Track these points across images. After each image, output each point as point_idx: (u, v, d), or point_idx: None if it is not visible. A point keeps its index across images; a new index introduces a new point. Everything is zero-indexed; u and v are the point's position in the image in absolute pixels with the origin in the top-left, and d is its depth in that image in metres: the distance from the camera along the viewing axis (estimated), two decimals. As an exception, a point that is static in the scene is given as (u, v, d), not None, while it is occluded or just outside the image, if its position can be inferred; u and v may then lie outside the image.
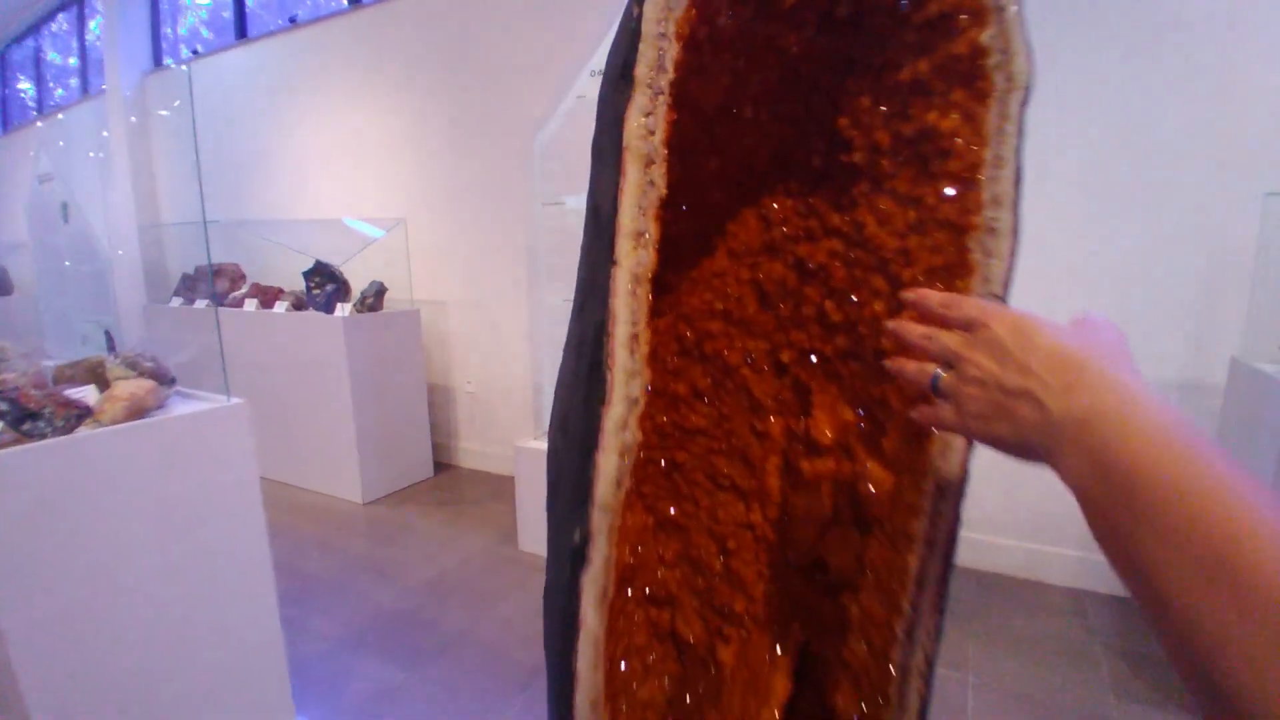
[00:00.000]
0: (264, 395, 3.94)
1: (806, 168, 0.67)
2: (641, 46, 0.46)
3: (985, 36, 0.51)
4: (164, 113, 5.36)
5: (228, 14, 5.22)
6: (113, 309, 4.44)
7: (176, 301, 4.48)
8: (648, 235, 0.48)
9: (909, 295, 0.49)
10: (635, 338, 0.49)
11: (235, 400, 1.62)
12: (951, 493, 0.58)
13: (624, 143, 0.47)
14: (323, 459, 3.77)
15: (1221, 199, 2.36)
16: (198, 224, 5.04)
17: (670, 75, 0.48)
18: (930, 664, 0.62)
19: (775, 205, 0.70)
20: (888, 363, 0.52)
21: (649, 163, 0.48)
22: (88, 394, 1.56)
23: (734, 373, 0.81)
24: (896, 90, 0.59)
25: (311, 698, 2.20)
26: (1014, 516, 2.82)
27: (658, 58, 0.47)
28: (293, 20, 4.71)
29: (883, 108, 0.61)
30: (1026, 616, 2.62)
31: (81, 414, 1.44)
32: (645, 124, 0.47)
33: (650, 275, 0.49)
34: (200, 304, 4.33)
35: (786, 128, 0.65)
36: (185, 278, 4.61)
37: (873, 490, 0.64)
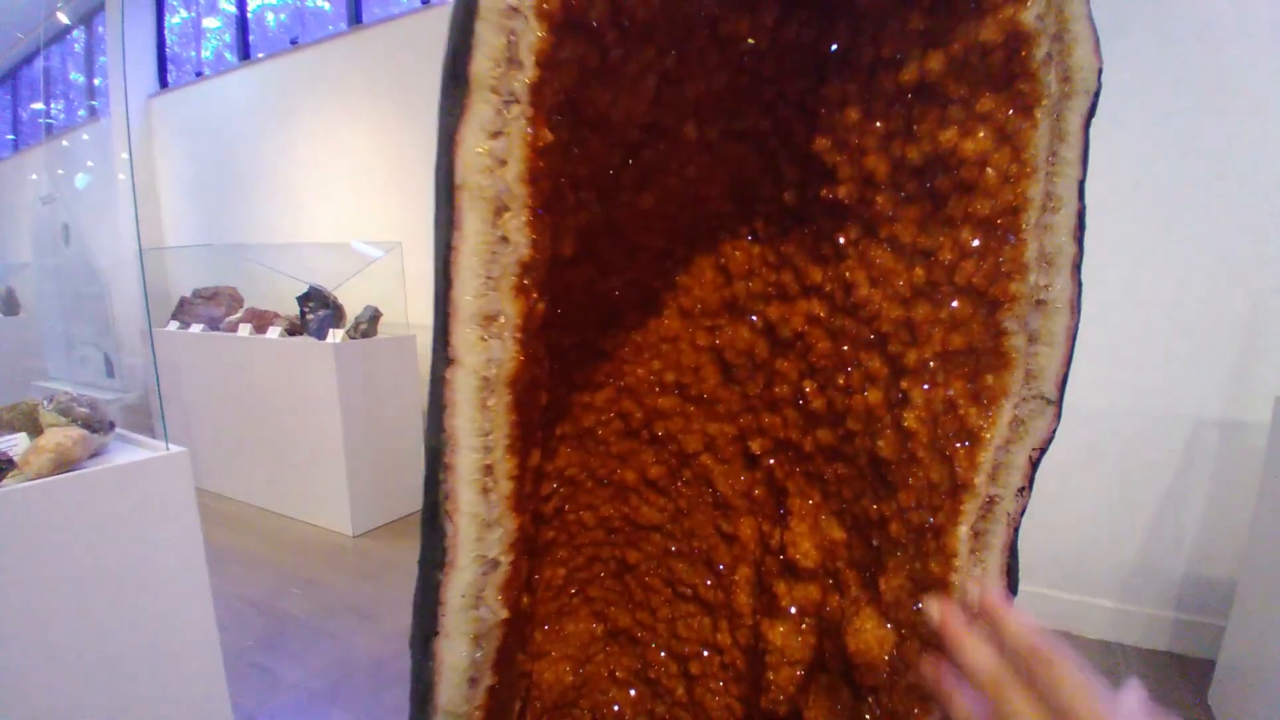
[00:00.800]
0: (255, 422, 3.82)
1: (775, 204, 0.50)
2: (478, 28, 0.30)
3: (1029, 16, 0.34)
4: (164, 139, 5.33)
5: (228, 37, 5.20)
6: (111, 332, 4.37)
7: (173, 325, 4.40)
8: (504, 318, 0.32)
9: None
10: (489, 469, 0.33)
11: (175, 449, 1.48)
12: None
13: (456, 180, 0.30)
14: (312, 489, 3.64)
15: (1264, 230, 2.16)
16: (198, 247, 4.98)
17: (530, 74, 0.31)
18: None
19: (737, 253, 0.53)
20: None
21: (499, 209, 0.31)
22: (18, 442, 1.42)
23: (693, 461, 0.64)
24: (896, 98, 0.42)
25: (273, 761, 2.03)
26: (1043, 561, 2.61)
27: (506, 47, 0.31)
28: (294, 42, 4.66)
29: (877, 124, 0.44)
30: (1057, 677, 2.39)
31: (2, 466, 1.29)
32: (490, 150, 0.31)
33: (514, 375, 0.32)
34: (196, 328, 4.24)
35: (746, 151, 0.49)
36: (183, 301, 4.53)
37: (867, 651, 0.46)
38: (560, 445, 0.65)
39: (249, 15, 5.12)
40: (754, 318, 0.55)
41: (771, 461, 0.59)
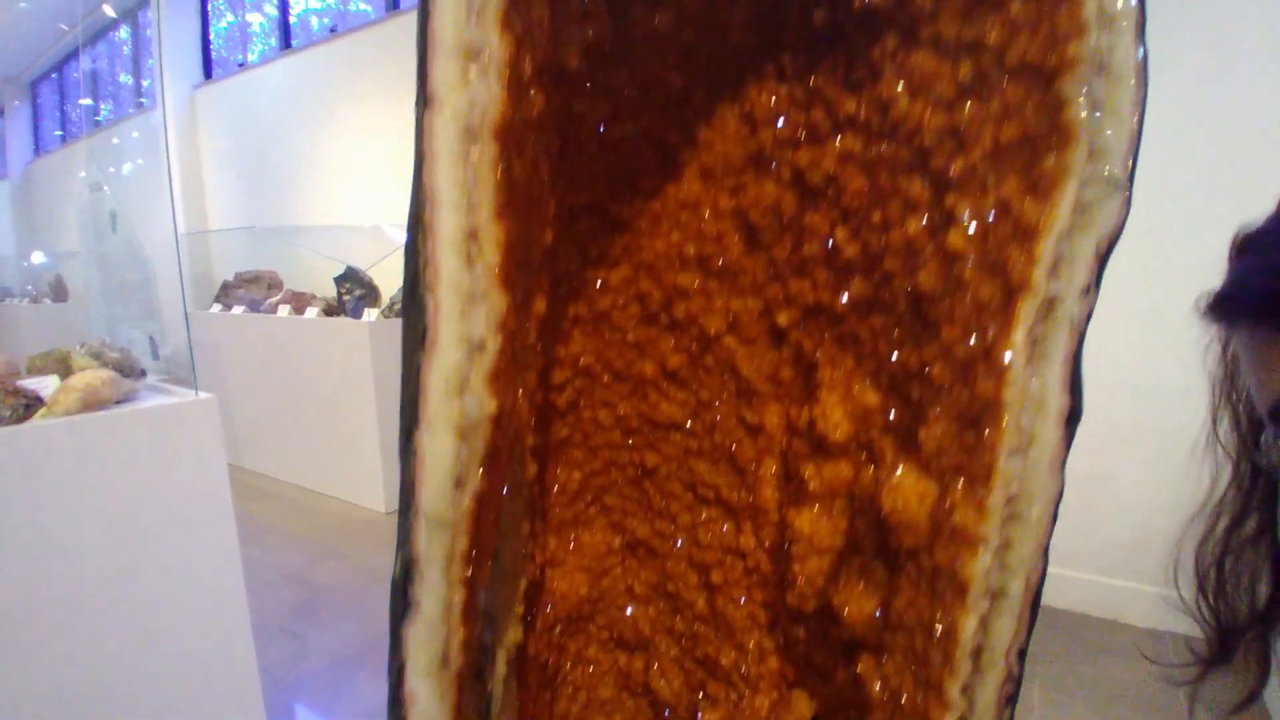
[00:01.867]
0: (293, 401, 3.89)
1: (803, 30, 0.46)
2: None
3: None
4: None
5: (274, 41, 5.30)
6: (157, 316, 4.50)
7: (216, 308, 4.51)
8: (489, 53, 0.28)
9: None
10: (473, 234, 0.29)
11: (204, 395, 1.49)
12: (1033, 514, 0.36)
13: None
14: (347, 466, 3.68)
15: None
16: (240, 230, 5.09)
17: None
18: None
19: (762, 95, 0.49)
20: None
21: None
22: (49, 384, 1.45)
23: (715, 345, 0.60)
24: None
25: (303, 716, 2.05)
26: (1087, 546, 2.50)
27: None
28: (333, 30, 4.74)
29: None
30: (1100, 661, 2.30)
31: (31, 403, 1.31)
32: None
33: (500, 123, 0.29)
34: (237, 310, 4.34)
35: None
36: (225, 285, 4.64)
37: (905, 508, 0.42)
38: (574, 329, 0.61)
39: (292, 20, 5.21)
40: (781, 169, 0.51)
41: (799, 334, 0.55)
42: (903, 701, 0.44)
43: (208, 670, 1.48)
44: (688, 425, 0.65)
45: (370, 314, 3.59)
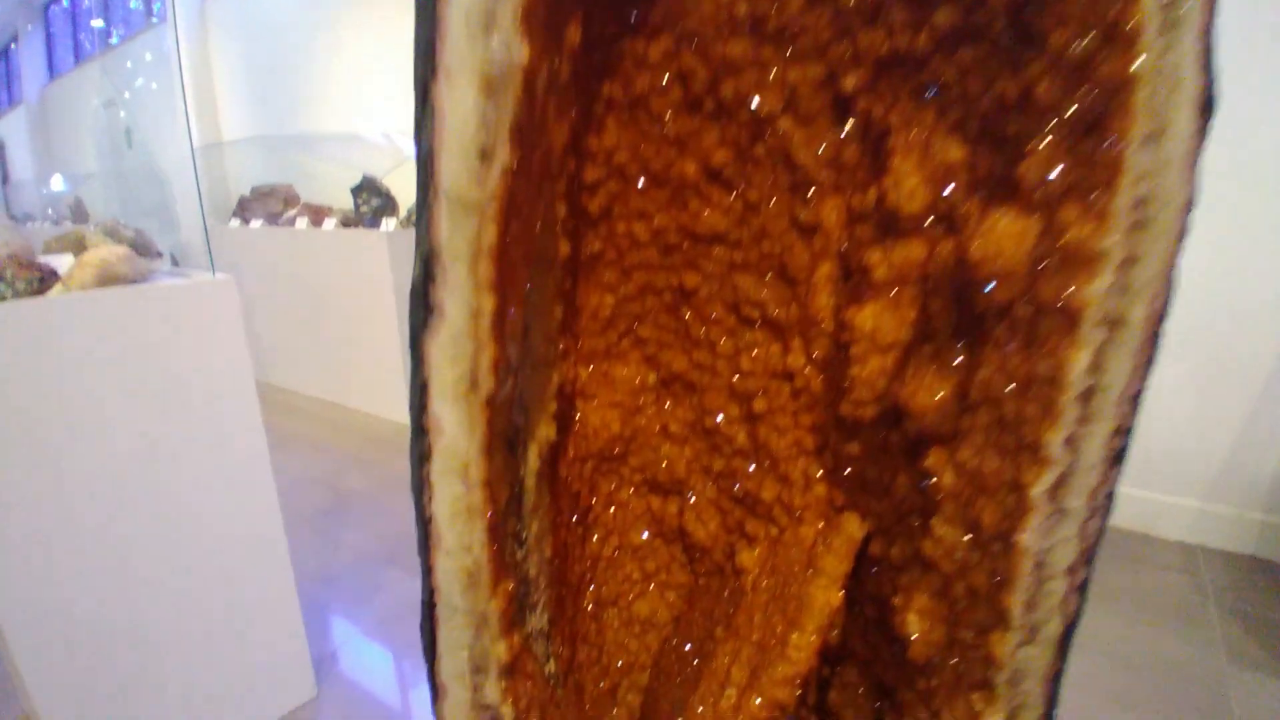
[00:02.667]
0: (314, 314, 3.89)
1: None
2: None
3: None
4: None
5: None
6: (176, 230, 4.48)
7: (234, 223, 4.47)
8: None
9: None
10: None
11: (221, 276, 1.45)
12: (1162, 220, 0.30)
13: None
14: (369, 378, 3.71)
15: None
16: (253, 139, 4.99)
17: None
18: (1088, 559, 0.35)
19: None
20: None
21: None
22: (64, 261, 1.42)
23: (768, 129, 0.53)
24: None
25: (338, 608, 2.12)
26: (1122, 459, 2.44)
27: None
28: (341, -75, 4.48)
29: None
30: (1131, 572, 2.29)
31: (45, 278, 1.28)
32: None
33: None
34: (255, 224, 4.30)
35: None
36: (242, 200, 4.59)
37: (1000, 253, 0.36)
38: (609, 117, 0.55)
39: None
40: None
41: (868, 99, 0.48)
42: (985, 479, 0.39)
43: (239, 554, 1.50)
44: (732, 236, 0.59)
45: (388, 224, 3.52)
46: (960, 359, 0.43)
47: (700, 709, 0.62)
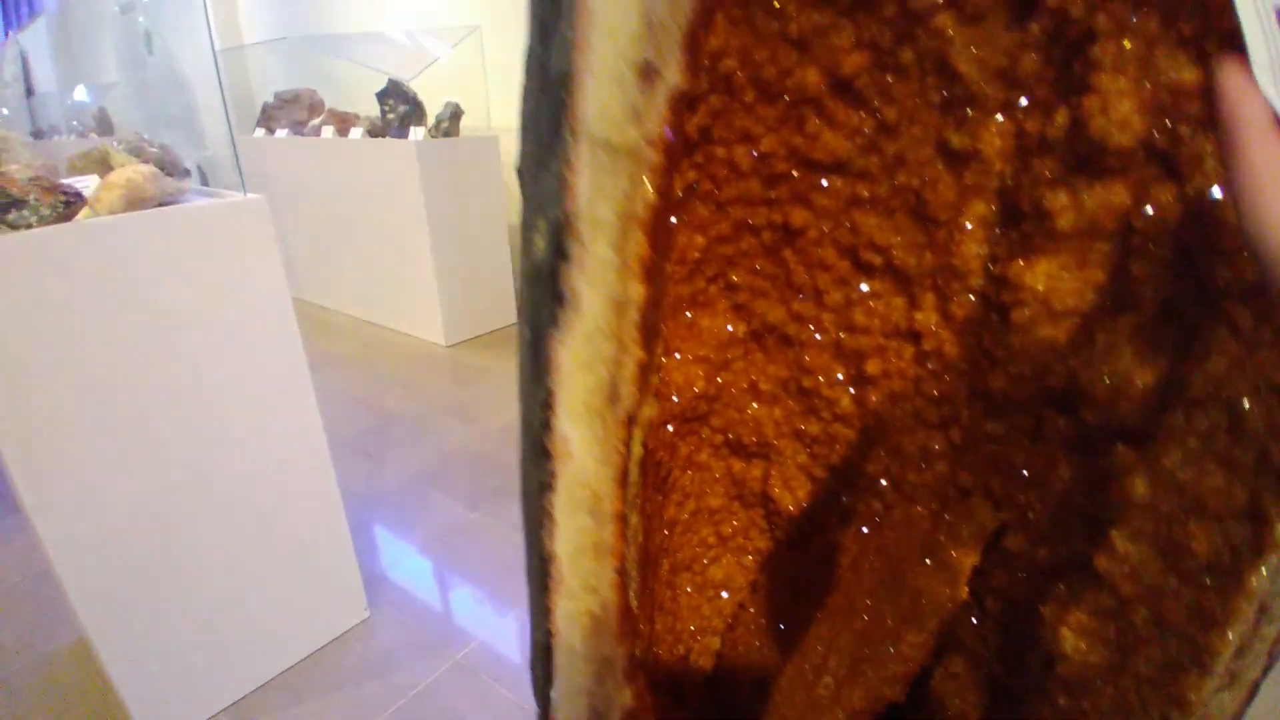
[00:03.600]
0: (345, 229, 3.81)
1: None
2: None
3: None
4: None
5: None
6: (202, 141, 4.37)
7: (259, 132, 4.34)
8: None
9: None
10: None
11: (253, 195, 1.37)
12: None
13: None
14: (404, 298, 3.66)
15: None
16: (275, 41, 4.78)
17: None
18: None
19: None
20: None
21: None
22: (89, 183, 1.35)
23: (920, 28, 0.41)
24: None
25: (386, 529, 2.15)
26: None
27: None
28: None
29: None
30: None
31: (70, 200, 1.22)
32: None
33: None
34: (280, 134, 4.17)
35: None
36: (265, 107, 4.44)
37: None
38: (717, 9, 0.43)
39: None
40: None
41: None
42: (1202, 498, 0.30)
43: (287, 477, 1.50)
44: (857, 164, 0.48)
45: (416, 133, 3.37)
46: (1178, 342, 0.33)
47: (791, 692, 0.57)
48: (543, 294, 0.21)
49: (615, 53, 0.18)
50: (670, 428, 0.61)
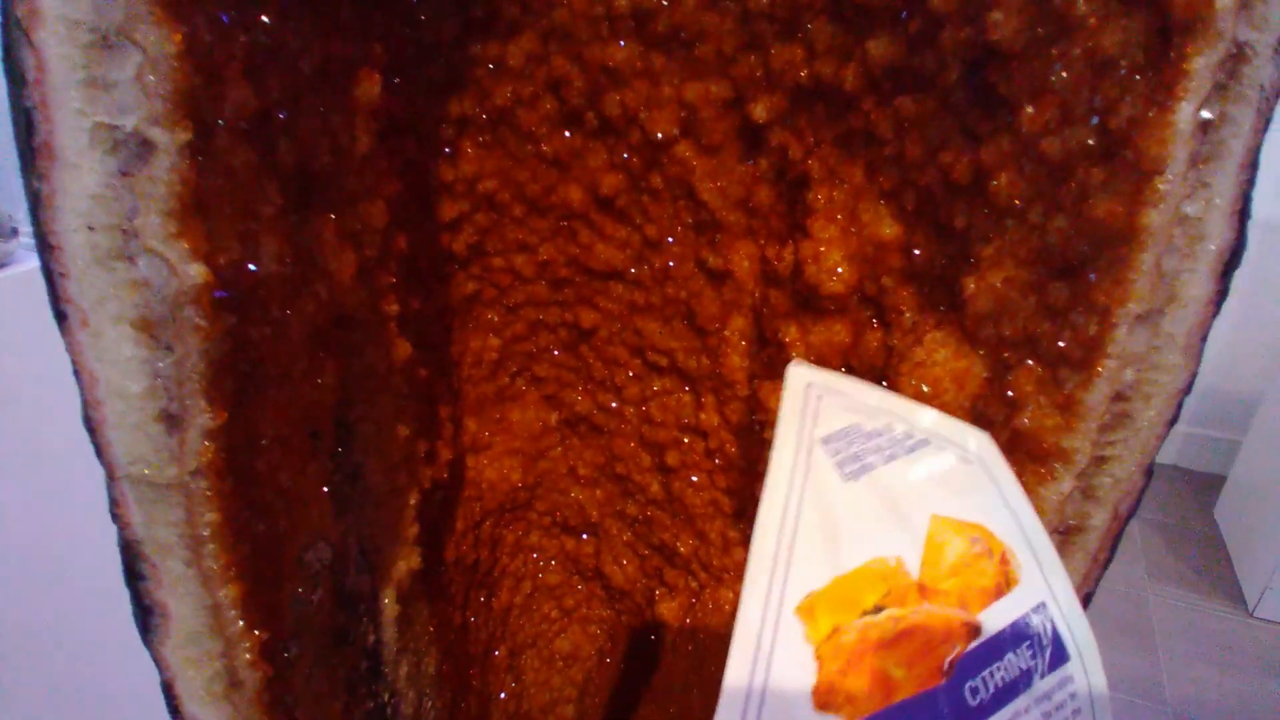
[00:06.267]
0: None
1: None
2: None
3: None
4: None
5: None
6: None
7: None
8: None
9: None
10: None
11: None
12: (1145, 419, 0.22)
13: None
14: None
15: None
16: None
17: None
18: None
19: None
20: None
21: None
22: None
23: (664, 156, 0.42)
24: None
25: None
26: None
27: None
28: None
29: None
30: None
31: None
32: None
33: None
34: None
35: None
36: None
37: (934, 394, 0.27)
38: (464, 140, 0.43)
39: None
40: None
41: (783, 133, 0.37)
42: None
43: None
44: (631, 273, 0.49)
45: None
46: None
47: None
48: (134, 604, 0.20)
49: (129, 408, 0.17)
50: (487, 523, 0.60)
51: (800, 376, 0.24)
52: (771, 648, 0.20)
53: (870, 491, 0.22)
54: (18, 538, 1.19)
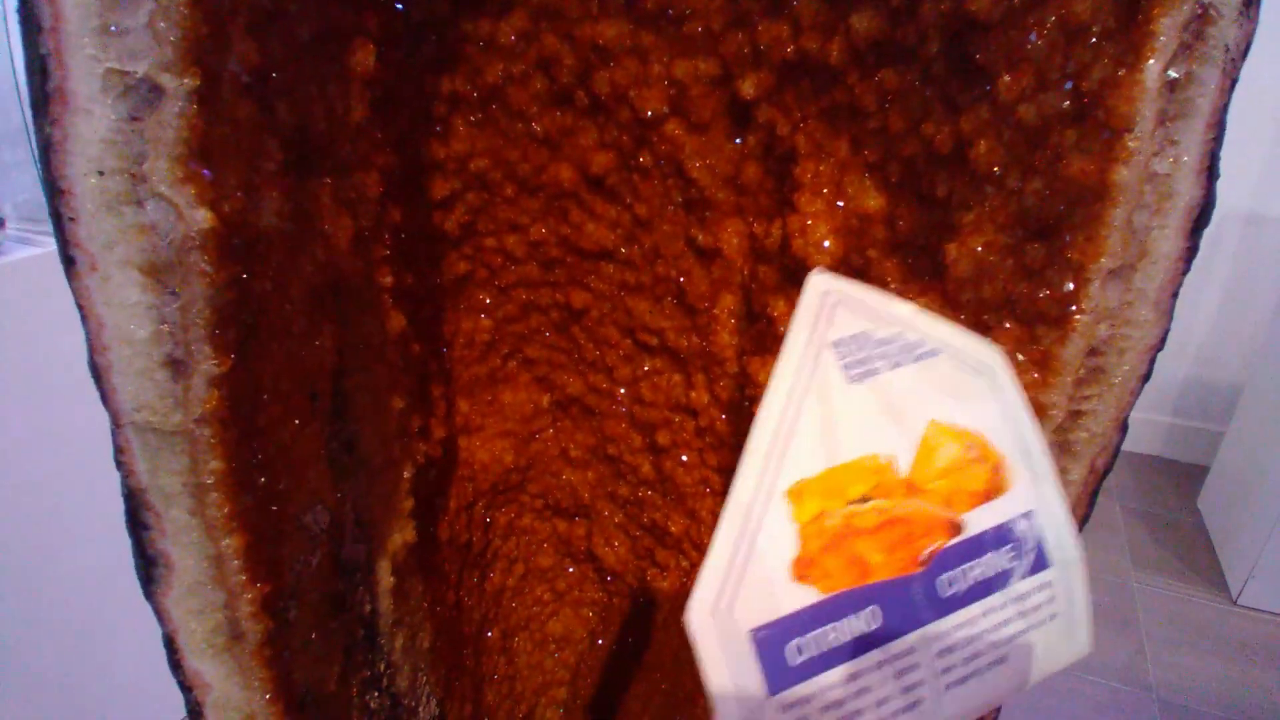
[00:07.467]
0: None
1: None
2: None
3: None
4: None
5: None
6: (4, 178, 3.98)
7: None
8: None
9: None
10: None
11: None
12: (1119, 374, 0.23)
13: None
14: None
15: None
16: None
17: None
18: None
19: None
20: None
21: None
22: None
23: (654, 134, 0.42)
24: None
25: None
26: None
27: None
28: None
29: None
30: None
31: None
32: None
33: None
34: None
35: None
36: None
37: None
38: (455, 117, 0.43)
39: None
40: None
41: (771, 109, 0.38)
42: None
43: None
44: (622, 252, 0.49)
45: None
46: None
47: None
48: (136, 555, 0.21)
49: (136, 353, 0.17)
50: (480, 505, 0.61)
51: (819, 283, 0.25)
52: (759, 522, 0.22)
53: (872, 393, 0.23)
54: (10, 523, 1.19)
